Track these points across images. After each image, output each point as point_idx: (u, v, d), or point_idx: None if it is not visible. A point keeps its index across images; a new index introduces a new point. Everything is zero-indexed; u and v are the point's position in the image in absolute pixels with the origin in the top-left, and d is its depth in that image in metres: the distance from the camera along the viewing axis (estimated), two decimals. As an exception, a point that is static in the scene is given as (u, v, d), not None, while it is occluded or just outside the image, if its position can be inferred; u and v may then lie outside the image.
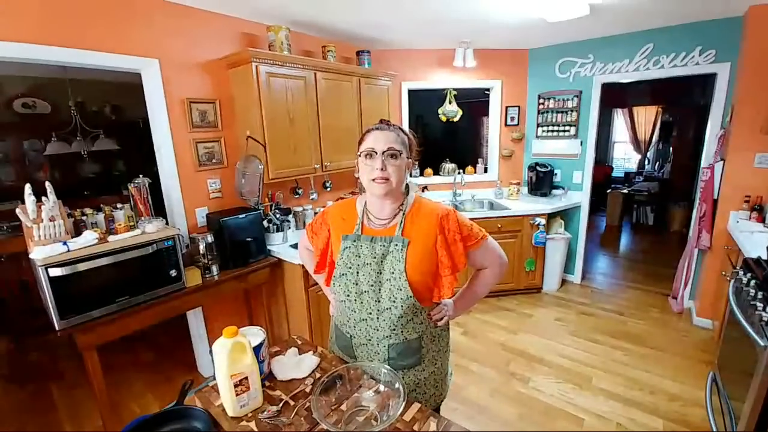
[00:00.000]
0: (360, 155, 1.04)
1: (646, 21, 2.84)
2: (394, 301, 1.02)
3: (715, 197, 2.79)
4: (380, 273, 1.03)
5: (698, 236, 2.89)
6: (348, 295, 1.08)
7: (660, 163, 6.90)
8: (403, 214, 1.06)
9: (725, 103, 2.81)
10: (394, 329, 1.05)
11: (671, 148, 6.41)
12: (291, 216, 2.76)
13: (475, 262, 1.15)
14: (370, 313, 1.06)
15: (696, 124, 5.54)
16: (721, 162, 2.75)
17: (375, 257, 1.04)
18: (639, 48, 3.07)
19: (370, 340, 1.09)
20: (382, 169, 0.99)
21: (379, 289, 1.04)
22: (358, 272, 1.05)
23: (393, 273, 1.01)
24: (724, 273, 2.41)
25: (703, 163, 3.01)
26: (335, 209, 1.18)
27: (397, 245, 1.02)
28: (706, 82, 5.23)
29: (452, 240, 1.04)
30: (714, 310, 2.75)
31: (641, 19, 2.80)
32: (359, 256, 1.05)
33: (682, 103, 5.93)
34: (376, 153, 1.00)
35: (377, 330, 1.06)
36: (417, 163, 1.14)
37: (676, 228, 5.51)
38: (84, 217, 1.84)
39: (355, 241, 1.07)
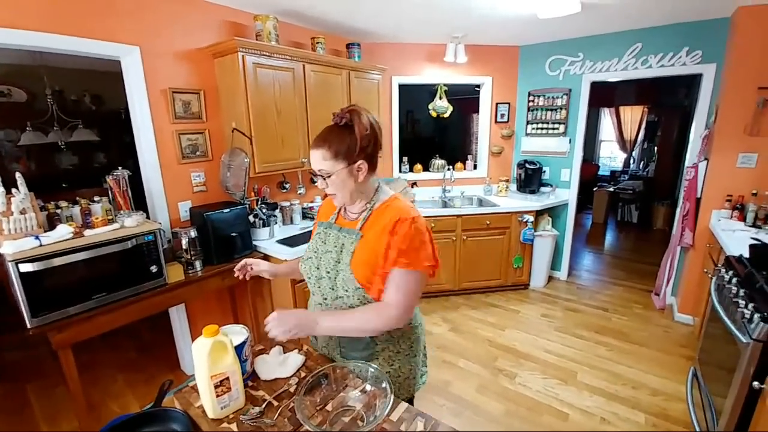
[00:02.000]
0: None
1: (636, 20, 2.86)
2: (347, 290, 1.04)
3: (698, 196, 2.84)
4: (338, 262, 1.06)
5: (681, 234, 2.95)
6: (309, 278, 1.14)
7: (645, 162, 7.02)
8: (371, 210, 1.08)
9: (710, 104, 2.85)
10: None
11: (656, 148, 6.53)
12: (278, 211, 2.71)
13: (387, 285, 1.00)
14: (325, 299, 1.10)
15: (680, 124, 5.66)
16: (705, 161, 2.80)
17: (336, 246, 1.08)
18: (628, 47, 3.10)
19: None
20: (324, 187, 1.04)
21: (335, 277, 1.06)
22: (320, 258, 1.10)
23: (346, 264, 1.04)
24: (706, 270, 2.46)
25: (688, 162, 3.06)
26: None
27: (351, 238, 1.06)
28: (691, 83, 5.35)
29: (392, 245, 0.99)
30: (695, 307, 2.81)
31: (631, 19, 2.81)
32: (325, 243, 1.11)
33: (667, 103, 6.04)
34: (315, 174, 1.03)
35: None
36: (374, 154, 1.08)
37: (659, 226, 5.63)
38: (58, 210, 1.77)
39: (326, 228, 1.14)
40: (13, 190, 1.55)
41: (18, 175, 1.58)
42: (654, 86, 5.85)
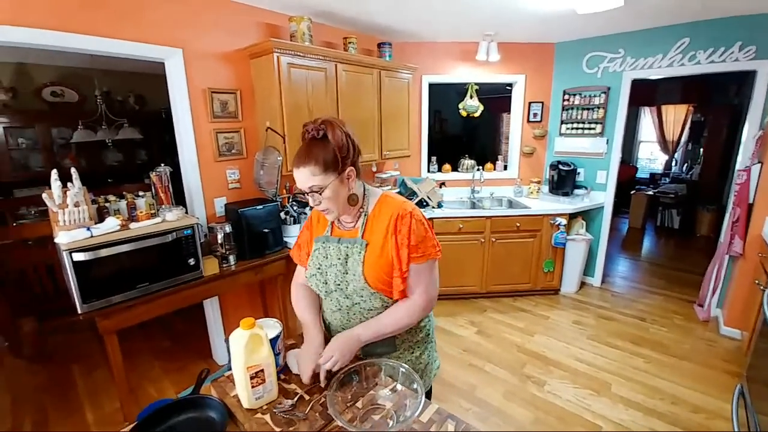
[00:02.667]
0: None
1: (684, 14, 2.70)
2: (362, 296, 1.06)
3: (751, 201, 2.65)
4: (346, 273, 1.07)
5: (730, 242, 2.76)
6: (319, 292, 1.15)
7: (689, 165, 6.62)
8: (365, 215, 1.07)
9: (765, 103, 2.65)
10: (363, 318, 1.09)
11: (701, 149, 6.15)
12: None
13: (408, 281, 1.04)
14: (340, 308, 1.11)
15: (730, 124, 5.30)
16: (759, 164, 2.61)
17: (340, 258, 1.08)
18: (674, 42, 2.93)
19: (344, 328, 1.12)
20: (317, 204, 1.02)
21: (346, 287, 1.07)
22: (326, 272, 1.10)
23: (355, 275, 1.05)
24: (757, 282, 2.29)
25: (739, 165, 2.86)
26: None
27: (357, 247, 1.05)
28: (744, 80, 4.99)
29: (401, 244, 1.01)
30: (744, 320, 2.63)
31: (678, 12, 2.66)
32: (327, 257, 1.11)
33: (716, 101, 5.67)
34: (306, 193, 1.01)
35: (350, 321, 1.11)
36: (356, 160, 1.04)
37: (703, 232, 5.29)
38: (107, 204, 1.88)
39: (324, 243, 1.12)
40: (69, 184, 1.67)
41: (73, 170, 1.70)
42: (701, 84, 5.50)
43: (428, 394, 1.24)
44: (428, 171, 3.86)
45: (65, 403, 2.22)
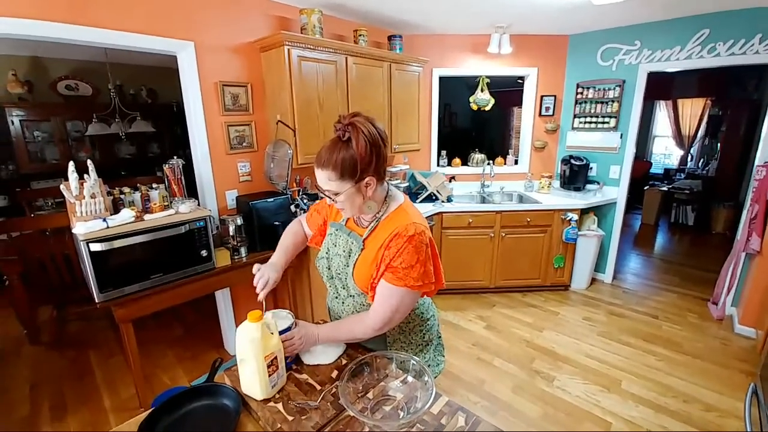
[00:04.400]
0: None
1: (703, 4, 2.62)
2: (357, 291, 1.08)
3: (770, 198, 2.58)
4: (347, 266, 1.09)
5: (747, 239, 2.70)
6: (323, 276, 1.20)
7: (705, 160, 6.46)
8: (378, 221, 1.06)
9: (788, 96, 2.57)
10: (355, 310, 1.12)
11: (719, 144, 5.99)
12: (318, 201, 2.77)
13: (375, 295, 1.02)
14: (338, 296, 1.16)
15: (749, 118, 5.15)
16: (779, 160, 2.54)
17: (345, 250, 1.10)
18: (693, 34, 2.84)
19: (340, 317, 1.18)
20: (333, 203, 1.03)
21: (345, 279, 1.11)
22: (331, 259, 1.14)
23: (351, 270, 1.08)
24: (775, 280, 2.24)
25: (758, 161, 2.78)
26: None
27: (356, 246, 1.07)
28: (763, 73, 4.85)
29: (382, 258, 0.99)
30: (759, 319, 2.58)
31: (697, 3, 2.58)
32: (335, 245, 1.14)
33: (734, 95, 5.51)
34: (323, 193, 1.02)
35: (344, 311, 1.16)
36: (379, 168, 1.00)
37: (719, 229, 5.18)
38: (122, 196, 1.91)
39: (337, 230, 1.15)
40: (85, 176, 1.70)
41: (89, 162, 1.73)
42: (719, 77, 5.34)
43: None
44: (438, 165, 3.83)
45: (82, 389, 2.29)
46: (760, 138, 2.85)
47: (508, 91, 4.74)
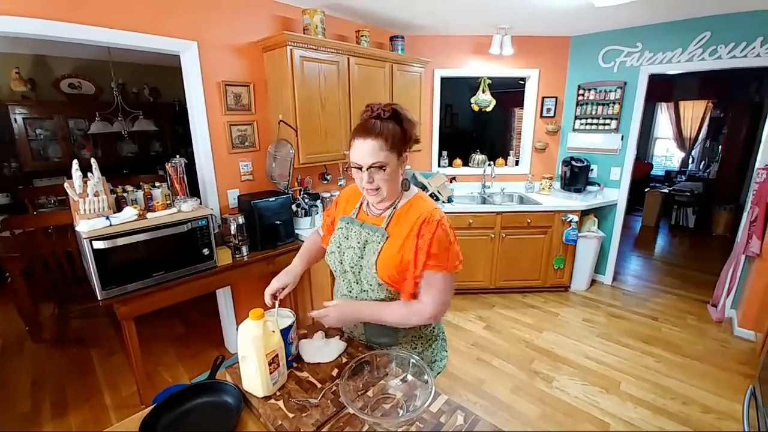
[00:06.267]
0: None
1: (704, 7, 2.62)
2: (371, 285, 1.07)
3: (770, 201, 2.59)
4: (361, 258, 1.08)
5: (747, 242, 2.70)
6: (335, 271, 1.18)
7: (706, 163, 6.46)
8: (394, 208, 1.06)
9: (789, 99, 2.57)
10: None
11: (720, 147, 5.99)
12: (319, 201, 2.78)
13: (419, 286, 1.03)
14: (350, 291, 1.14)
15: (750, 121, 5.15)
16: (780, 163, 2.54)
17: (359, 242, 1.09)
18: (695, 36, 2.85)
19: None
20: (370, 182, 1.00)
21: (359, 272, 1.09)
22: (343, 253, 1.12)
23: (368, 262, 1.05)
24: (774, 282, 2.25)
25: (758, 163, 2.78)
26: (346, 190, 1.25)
27: (377, 236, 1.05)
28: (764, 76, 4.85)
29: (420, 248, 0.99)
30: (758, 321, 2.58)
31: (698, 5, 2.58)
32: (347, 239, 1.12)
33: (735, 98, 5.51)
34: (362, 168, 0.98)
35: None
36: (412, 148, 1.07)
37: (720, 232, 5.18)
38: (125, 194, 1.92)
39: (348, 223, 1.14)
40: (88, 174, 1.71)
41: (93, 160, 1.74)
42: (721, 79, 5.34)
43: None
44: (439, 165, 3.84)
45: (84, 386, 2.30)
46: (761, 141, 2.86)
47: (510, 92, 4.74)
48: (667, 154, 7.33)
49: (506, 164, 3.94)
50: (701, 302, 3.29)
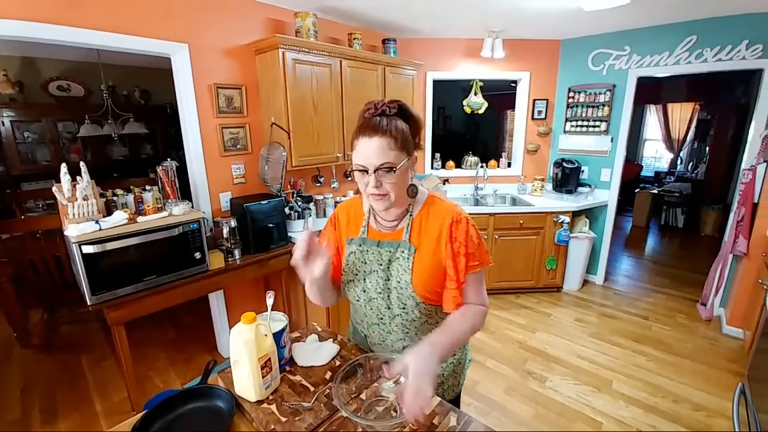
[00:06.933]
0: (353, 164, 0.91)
1: (691, 11, 2.67)
2: (404, 308, 0.98)
3: (756, 201, 2.64)
4: (388, 280, 0.98)
5: (734, 241, 2.75)
6: (357, 300, 1.04)
7: (694, 163, 6.58)
8: (411, 216, 0.97)
9: (773, 101, 2.63)
10: (407, 332, 1.02)
11: (707, 148, 6.10)
12: (312, 204, 2.78)
13: (465, 290, 0.97)
14: (381, 318, 1.03)
15: (737, 123, 5.25)
16: (765, 164, 2.59)
17: (381, 264, 0.98)
18: (681, 40, 2.91)
19: (384, 341, 1.06)
20: (377, 186, 0.87)
21: (388, 296, 0.98)
22: (365, 279, 1.00)
23: (399, 282, 0.96)
24: (761, 281, 2.29)
25: (744, 164, 2.85)
26: (342, 209, 1.10)
27: (403, 252, 0.95)
28: (751, 78, 4.95)
29: (457, 251, 0.93)
30: (746, 320, 2.63)
31: (685, 9, 2.64)
32: (365, 263, 1.00)
33: (722, 100, 5.62)
34: (368, 171, 0.86)
35: (390, 333, 1.04)
36: (419, 149, 0.98)
37: (708, 232, 5.27)
38: (115, 198, 1.90)
39: (360, 245, 1.01)
40: (77, 178, 1.69)
41: (82, 164, 1.72)
42: (708, 82, 5.45)
43: (456, 401, 1.14)
44: (432, 168, 3.86)
45: (74, 393, 2.26)
46: (746, 142, 2.92)
47: (502, 95, 4.78)
48: (656, 156, 7.45)
49: (499, 166, 3.97)
50: (691, 301, 3.34)
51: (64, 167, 1.69)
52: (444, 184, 3.70)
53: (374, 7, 2.58)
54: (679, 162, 6.96)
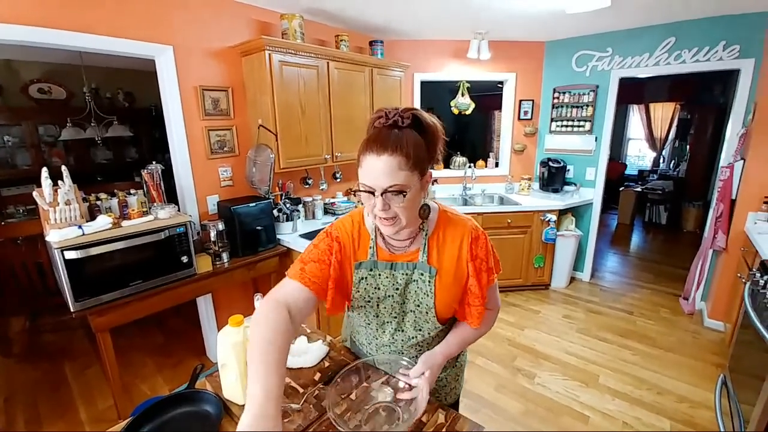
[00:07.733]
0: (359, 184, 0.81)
1: (669, 13, 2.75)
2: (420, 330, 0.95)
3: (733, 197, 2.72)
4: (404, 303, 0.93)
5: (714, 237, 2.83)
6: (368, 325, 1.00)
7: (676, 162, 6.75)
8: (426, 235, 0.90)
9: (748, 101, 2.72)
10: (420, 352, 0.99)
11: (688, 147, 6.26)
12: (301, 206, 2.77)
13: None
14: (393, 342, 0.99)
15: (715, 122, 5.40)
16: (741, 161, 2.68)
17: (397, 288, 0.91)
18: (660, 41, 2.99)
19: (390, 360, 1.02)
20: (384, 210, 0.78)
21: (403, 319, 0.95)
22: (378, 305, 0.94)
23: (419, 306, 0.91)
24: (739, 275, 2.36)
25: (722, 162, 2.94)
26: (344, 227, 0.94)
27: (422, 275, 0.89)
28: (728, 79, 5.10)
29: (479, 268, 0.90)
30: (727, 313, 2.71)
31: (664, 12, 2.71)
32: (378, 288, 0.92)
33: (702, 100, 5.78)
34: (375, 193, 0.77)
35: (401, 353, 1.01)
36: (436, 163, 0.89)
37: (690, 228, 5.41)
38: (98, 202, 1.87)
39: (371, 269, 0.92)
40: (59, 182, 1.66)
41: (63, 168, 1.69)
42: (687, 82, 5.61)
43: (456, 405, 1.15)
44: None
45: (58, 402, 2.21)
46: (725, 140, 3.01)
47: (489, 96, 4.83)
48: (639, 154, 7.61)
49: (486, 166, 4.02)
50: (673, 295, 3.42)
51: (45, 171, 1.65)
52: (432, 184, 3.73)
53: (360, 9, 2.59)
54: (661, 160, 7.13)
